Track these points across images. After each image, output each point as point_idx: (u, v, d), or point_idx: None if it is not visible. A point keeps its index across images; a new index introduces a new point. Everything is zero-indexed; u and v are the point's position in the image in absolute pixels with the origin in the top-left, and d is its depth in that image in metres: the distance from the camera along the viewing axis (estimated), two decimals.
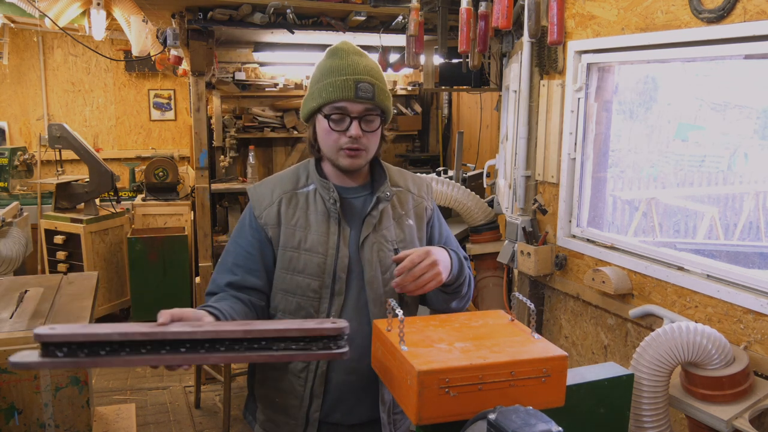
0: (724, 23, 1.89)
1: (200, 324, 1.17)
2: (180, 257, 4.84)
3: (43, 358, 1.05)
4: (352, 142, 1.45)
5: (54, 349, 1.06)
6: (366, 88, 1.43)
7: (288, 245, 1.49)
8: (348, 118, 1.44)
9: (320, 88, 1.45)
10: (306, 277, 1.47)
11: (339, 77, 1.43)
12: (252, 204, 1.54)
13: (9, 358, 1.05)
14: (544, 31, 2.53)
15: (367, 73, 1.45)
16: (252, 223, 1.52)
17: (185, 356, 1.12)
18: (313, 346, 1.17)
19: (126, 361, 1.10)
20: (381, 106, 1.47)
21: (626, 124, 4.97)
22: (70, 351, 1.06)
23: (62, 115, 6.09)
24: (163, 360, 1.11)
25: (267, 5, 3.43)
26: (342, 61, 1.45)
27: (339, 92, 1.42)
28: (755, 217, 5.20)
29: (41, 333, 1.04)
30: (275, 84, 5.12)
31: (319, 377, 1.49)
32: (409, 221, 1.58)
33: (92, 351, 1.07)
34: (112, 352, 1.09)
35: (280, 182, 1.56)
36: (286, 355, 1.16)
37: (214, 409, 3.78)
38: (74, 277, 2.45)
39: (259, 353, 1.15)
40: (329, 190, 1.50)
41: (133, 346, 1.10)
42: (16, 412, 1.84)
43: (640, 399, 1.76)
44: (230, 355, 1.14)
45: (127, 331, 1.08)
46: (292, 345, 1.16)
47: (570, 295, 2.66)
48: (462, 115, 5.43)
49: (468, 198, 3.33)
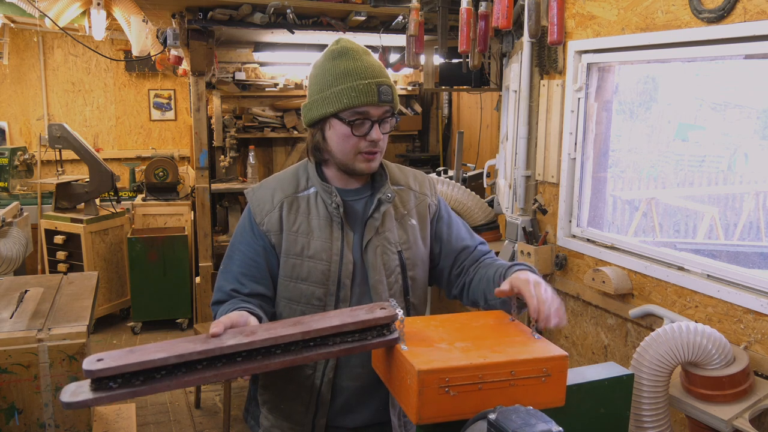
0: (724, 23, 1.89)
1: (253, 330, 1.12)
2: (180, 257, 4.84)
3: (96, 393, 1.00)
4: (372, 146, 1.42)
5: (107, 382, 1.00)
6: (386, 91, 1.40)
7: (290, 252, 1.45)
8: (369, 122, 1.41)
9: (338, 93, 1.39)
10: (310, 285, 1.44)
11: (361, 81, 1.38)
12: (252, 210, 1.49)
13: (60, 398, 0.99)
14: (544, 31, 2.53)
15: (382, 74, 1.42)
16: (254, 230, 1.48)
17: (244, 367, 1.08)
18: (368, 335, 1.16)
19: (184, 382, 1.05)
20: (396, 107, 1.45)
21: (626, 124, 4.97)
22: (125, 381, 1.01)
23: (62, 115, 6.09)
24: (222, 375, 1.06)
25: (267, 5, 3.43)
26: (358, 63, 1.40)
27: (362, 97, 1.37)
28: (755, 217, 5.19)
29: (91, 369, 0.98)
30: (275, 84, 5.12)
31: (326, 384, 1.47)
32: (412, 221, 1.55)
33: (148, 377, 1.02)
34: (168, 375, 1.03)
35: (280, 185, 1.51)
36: (344, 349, 1.15)
37: (214, 409, 3.78)
38: (74, 277, 2.45)
39: (317, 351, 1.13)
40: (331, 194, 1.47)
41: (189, 365, 1.05)
42: (16, 412, 1.84)
43: (641, 399, 1.76)
44: (288, 358, 1.11)
45: (183, 352, 1.02)
46: (348, 338, 1.15)
47: (570, 295, 2.66)
48: (462, 115, 5.42)
49: (468, 198, 3.33)
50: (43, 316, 1.98)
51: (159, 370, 1.02)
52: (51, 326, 1.90)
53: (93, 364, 0.99)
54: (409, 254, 1.52)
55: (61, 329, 1.88)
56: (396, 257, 1.49)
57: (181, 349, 1.03)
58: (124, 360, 1.00)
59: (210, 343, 1.05)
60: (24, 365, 1.83)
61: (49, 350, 1.84)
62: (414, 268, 1.53)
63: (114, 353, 1.02)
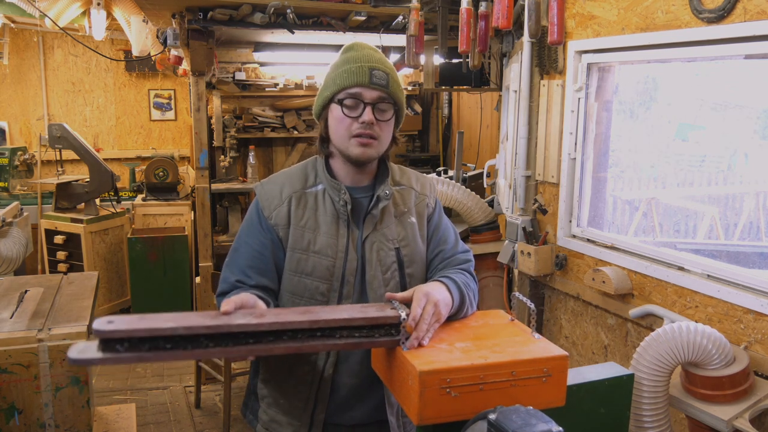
0: (724, 23, 1.89)
1: (262, 313, 1.13)
2: (180, 257, 4.84)
3: (103, 353, 1.01)
4: (364, 128, 1.43)
5: (114, 344, 1.01)
6: (380, 76, 1.44)
7: (297, 247, 1.47)
8: (362, 104, 1.43)
9: (334, 77, 1.46)
10: (314, 279, 1.46)
11: (353, 65, 1.44)
12: (261, 204, 1.51)
13: (68, 354, 0.98)
14: (544, 31, 2.53)
15: (381, 63, 1.47)
16: (263, 223, 1.50)
17: (250, 348, 1.09)
18: (376, 333, 1.17)
19: (191, 354, 1.06)
20: (394, 97, 1.47)
21: (626, 124, 4.97)
22: (132, 346, 1.02)
23: (62, 115, 6.09)
24: (229, 352, 1.08)
25: (267, 5, 3.43)
26: (356, 53, 1.47)
27: (353, 77, 1.43)
28: (755, 217, 5.19)
29: (101, 329, 0.99)
30: (275, 84, 5.11)
31: (325, 381, 1.49)
32: (412, 219, 1.57)
33: (155, 345, 1.03)
34: (176, 346, 1.04)
35: (289, 180, 1.53)
36: (350, 343, 1.16)
37: (214, 409, 3.78)
38: (74, 277, 2.45)
39: (323, 342, 1.14)
40: (340, 192, 1.48)
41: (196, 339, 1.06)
42: (16, 412, 1.84)
43: (641, 399, 1.76)
44: (295, 345, 1.12)
45: (192, 325, 1.04)
46: (355, 333, 1.16)
47: (570, 295, 2.66)
48: (462, 115, 5.42)
49: (468, 198, 3.33)
50: (43, 316, 1.98)
51: (167, 340, 1.03)
52: (51, 326, 1.90)
53: (104, 325, 1.00)
54: (407, 251, 1.53)
55: (61, 329, 1.88)
56: (393, 254, 1.50)
57: (191, 321, 1.04)
58: (134, 325, 1.01)
59: (219, 320, 1.06)
60: (24, 365, 1.83)
61: (49, 350, 1.84)
62: (412, 264, 1.54)
63: (125, 317, 1.02)
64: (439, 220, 1.64)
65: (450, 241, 1.62)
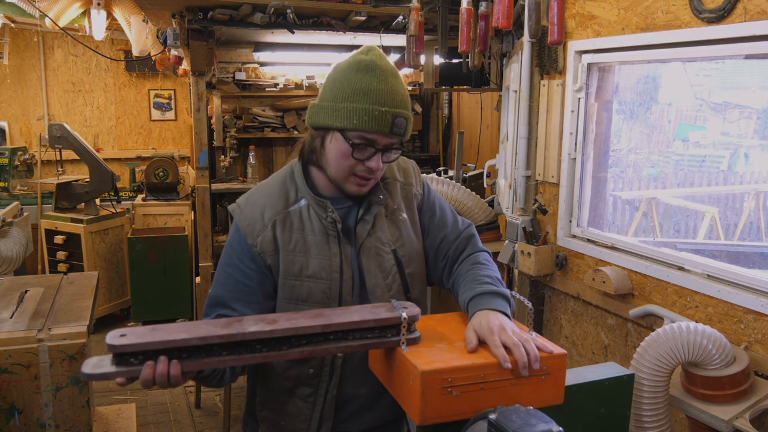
0: (724, 23, 1.89)
1: (275, 319, 1.13)
2: (180, 257, 4.84)
3: (117, 367, 1.01)
4: (368, 173, 1.36)
5: (128, 357, 1.01)
6: (401, 124, 1.33)
7: (289, 273, 1.39)
8: (372, 150, 1.34)
9: (350, 111, 1.31)
10: (311, 305, 1.38)
11: (377, 107, 1.30)
12: (243, 231, 1.41)
13: (81, 369, 0.99)
14: (544, 31, 2.53)
15: (403, 104, 1.35)
16: (246, 252, 1.40)
17: (264, 354, 1.09)
18: (388, 333, 1.18)
19: (204, 363, 1.06)
20: (406, 139, 1.39)
21: (626, 124, 4.98)
22: (146, 358, 1.02)
23: (62, 115, 6.09)
24: (241, 360, 1.08)
25: (267, 5, 3.43)
26: (381, 85, 1.32)
27: (374, 124, 1.31)
28: (755, 217, 5.20)
29: (113, 343, 0.99)
30: (275, 84, 5.11)
31: (329, 402, 1.44)
32: (403, 215, 1.50)
33: (168, 357, 1.03)
34: (189, 357, 1.05)
35: (269, 201, 1.43)
36: (363, 344, 1.17)
37: (214, 409, 3.78)
38: (74, 277, 2.45)
39: (336, 344, 1.15)
40: (326, 209, 1.40)
41: (209, 348, 1.06)
42: (16, 412, 1.84)
43: (641, 399, 1.76)
44: (308, 349, 1.12)
45: (205, 335, 1.03)
46: (367, 334, 1.17)
47: (570, 295, 2.66)
48: (462, 115, 5.42)
49: (468, 198, 3.33)
50: (43, 316, 1.98)
51: (181, 351, 1.04)
52: (51, 326, 1.90)
53: (116, 339, 1.00)
54: (403, 251, 1.48)
55: (62, 329, 1.88)
56: (391, 257, 1.45)
57: (203, 331, 1.04)
58: (147, 338, 1.01)
59: (232, 328, 1.07)
60: (24, 365, 1.83)
61: (49, 350, 1.84)
62: (410, 264, 1.49)
63: (137, 330, 1.03)
64: (432, 204, 1.56)
65: (449, 223, 1.55)
